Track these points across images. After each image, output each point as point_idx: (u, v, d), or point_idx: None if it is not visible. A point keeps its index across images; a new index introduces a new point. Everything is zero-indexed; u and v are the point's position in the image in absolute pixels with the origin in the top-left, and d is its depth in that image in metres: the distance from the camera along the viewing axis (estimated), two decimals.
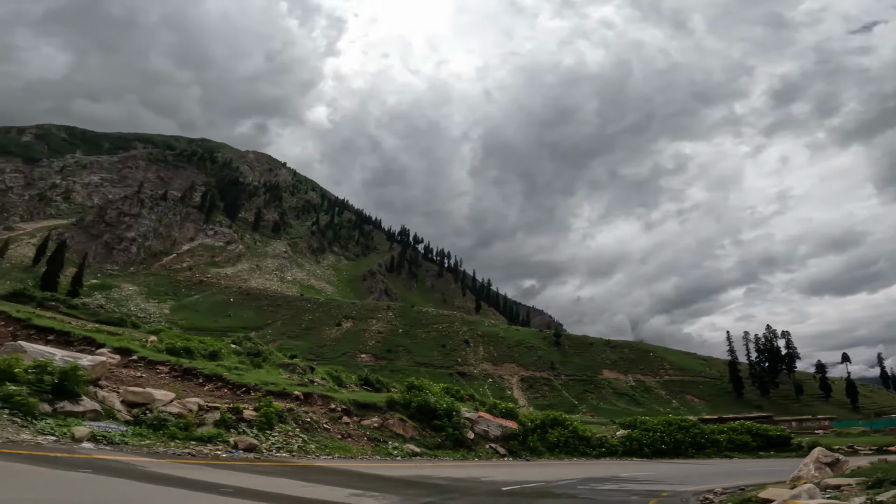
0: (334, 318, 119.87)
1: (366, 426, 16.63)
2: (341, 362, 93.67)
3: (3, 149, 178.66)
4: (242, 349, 31.26)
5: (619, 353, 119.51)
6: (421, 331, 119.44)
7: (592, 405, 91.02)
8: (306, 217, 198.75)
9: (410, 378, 34.88)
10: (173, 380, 15.93)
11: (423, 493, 9.14)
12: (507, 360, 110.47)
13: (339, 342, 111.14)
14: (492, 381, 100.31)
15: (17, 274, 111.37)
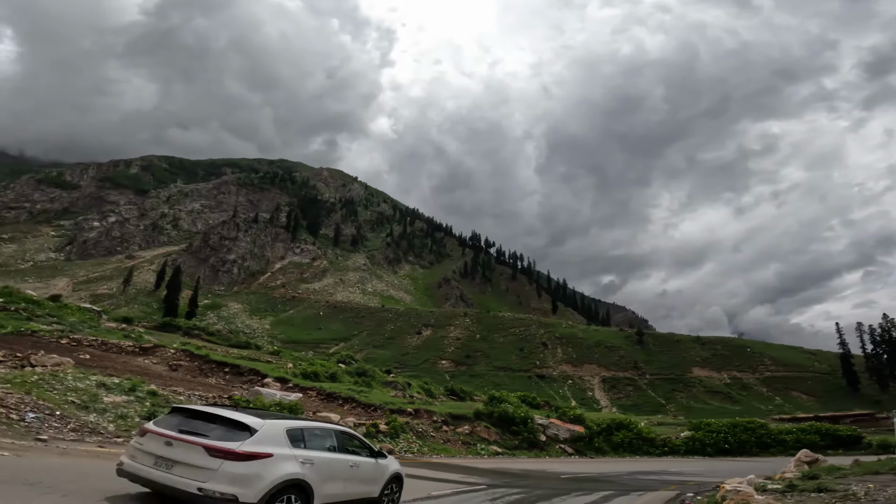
0: (414, 326, 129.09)
1: (459, 433, 22.84)
2: (423, 369, 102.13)
3: (116, 182, 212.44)
4: (351, 369, 39.32)
5: (710, 349, 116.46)
6: (498, 335, 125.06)
7: (682, 404, 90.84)
8: (381, 229, 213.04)
9: (492, 391, 41.05)
10: (321, 402, 23.26)
11: (505, 478, 15.00)
12: (586, 361, 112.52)
13: (421, 350, 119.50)
14: (571, 382, 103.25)
15: (143, 298, 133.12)
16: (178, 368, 25.56)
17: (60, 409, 8.73)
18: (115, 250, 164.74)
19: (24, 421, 7.56)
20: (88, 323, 35.69)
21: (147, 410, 10.57)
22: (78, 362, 17.98)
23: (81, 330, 32.02)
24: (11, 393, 8.34)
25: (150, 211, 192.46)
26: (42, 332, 28.66)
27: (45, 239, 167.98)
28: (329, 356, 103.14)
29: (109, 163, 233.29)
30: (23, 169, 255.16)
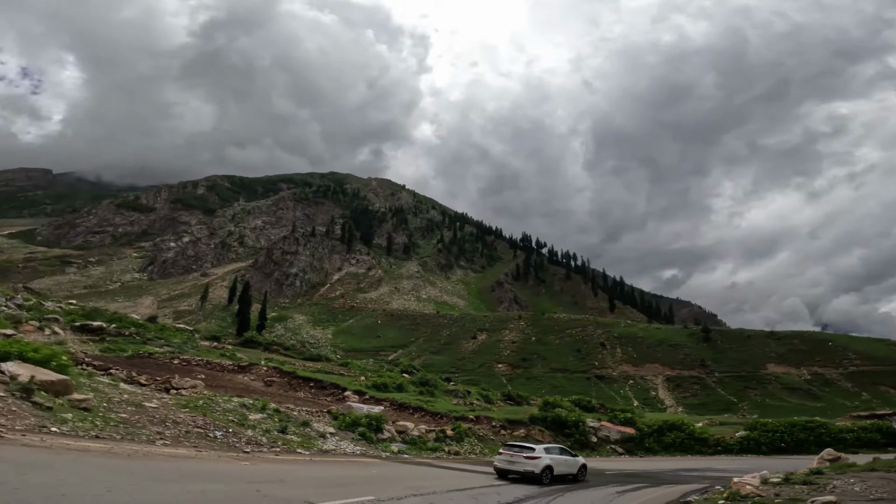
0: (469, 331, 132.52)
1: (516, 436, 25.93)
2: (480, 373, 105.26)
3: (186, 203, 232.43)
4: (415, 378, 43.37)
5: (787, 345, 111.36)
6: (554, 337, 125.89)
7: (756, 402, 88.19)
8: (431, 236, 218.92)
9: (546, 395, 43.66)
10: (395, 411, 27.14)
11: None
12: (648, 361, 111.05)
13: (477, 354, 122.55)
14: (633, 382, 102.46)
15: (219, 313, 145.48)
16: (272, 384, 30.47)
17: (232, 427, 12.79)
18: (190, 268, 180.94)
19: (217, 438, 11.47)
20: (189, 343, 42.01)
21: (279, 425, 14.69)
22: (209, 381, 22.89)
23: (186, 350, 38.10)
24: (195, 416, 12.43)
25: (218, 230, 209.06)
26: (157, 355, 34.75)
27: (128, 260, 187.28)
28: (388, 363, 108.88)
29: (179, 185, 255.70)
30: (102, 194, 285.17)
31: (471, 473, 15.31)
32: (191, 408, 13.48)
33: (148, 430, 9.64)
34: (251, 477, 8.36)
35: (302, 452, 13.24)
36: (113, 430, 8.89)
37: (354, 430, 18.69)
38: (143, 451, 8.51)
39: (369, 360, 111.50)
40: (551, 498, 11.06)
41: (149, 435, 9.43)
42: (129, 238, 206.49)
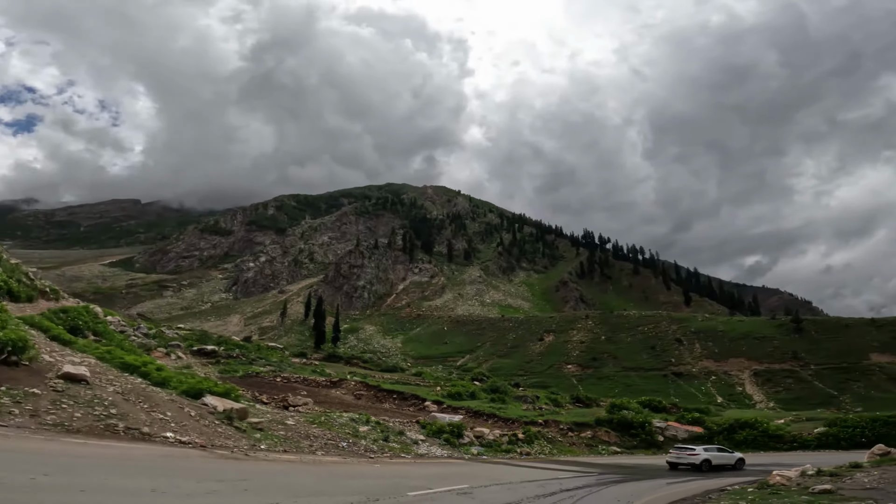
0: (536, 333, 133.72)
1: (583, 437, 28.59)
2: (548, 375, 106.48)
3: (259, 224, 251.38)
4: (485, 386, 46.75)
5: (890, 332, 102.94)
6: (625, 335, 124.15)
7: (859, 395, 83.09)
8: (490, 239, 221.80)
9: (613, 398, 45.48)
10: (471, 418, 30.66)
11: (615, 468, 20.62)
12: (732, 355, 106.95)
13: (544, 356, 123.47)
14: (715, 378, 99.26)
15: (297, 328, 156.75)
16: (361, 397, 35.14)
17: (351, 438, 16.83)
18: (269, 286, 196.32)
19: (344, 448, 15.40)
20: (284, 361, 48.14)
21: (382, 435, 18.66)
22: (310, 397, 27.72)
23: (284, 369, 43.98)
24: (323, 431, 16.53)
25: (290, 248, 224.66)
26: (262, 374, 40.68)
27: (215, 282, 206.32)
28: (457, 368, 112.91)
29: (251, 207, 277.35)
30: (186, 220, 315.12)
31: (539, 469, 18.41)
32: (317, 424, 17.70)
33: (302, 443, 13.62)
34: (387, 474, 12.07)
35: (405, 457, 17.02)
36: (283, 444, 12.91)
37: (440, 436, 22.43)
38: (316, 459, 12.42)
39: (438, 366, 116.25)
40: (603, 487, 13.87)
41: (307, 447, 13.40)
42: (214, 260, 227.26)
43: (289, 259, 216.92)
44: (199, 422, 10.85)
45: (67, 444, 7.18)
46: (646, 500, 10.89)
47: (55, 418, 7.68)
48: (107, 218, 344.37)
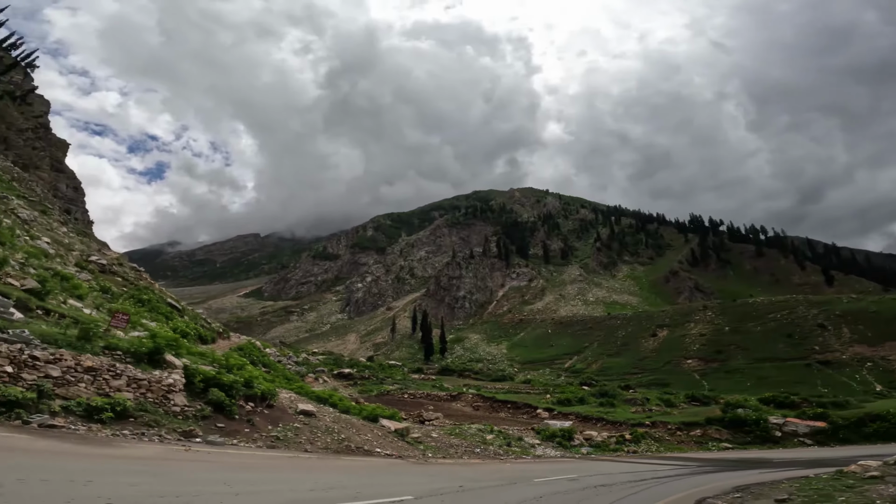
0: (647, 329, 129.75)
1: (692, 435, 30.56)
2: (665, 372, 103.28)
3: (361, 246, 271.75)
4: (594, 390, 49.31)
5: None
6: (753, 324, 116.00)
7: None
8: (586, 236, 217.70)
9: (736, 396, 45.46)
10: (581, 423, 34.00)
11: (719, 462, 22.88)
12: (890, 338, 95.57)
13: (659, 352, 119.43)
14: (871, 364, 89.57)
15: (406, 342, 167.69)
16: (479, 408, 40.05)
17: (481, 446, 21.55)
18: (377, 304, 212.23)
19: (478, 453, 20.11)
20: (406, 379, 54.92)
21: (504, 441, 23.17)
22: (437, 411, 33.20)
23: (409, 386, 50.52)
24: (460, 440, 21.45)
25: (391, 266, 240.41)
26: (392, 392, 47.40)
27: (331, 304, 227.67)
28: (565, 371, 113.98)
29: (352, 230, 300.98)
30: (299, 248, 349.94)
31: (640, 464, 21.50)
32: (453, 435, 22.72)
33: (449, 450, 18.47)
34: (516, 469, 16.51)
35: (526, 458, 21.32)
36: (439, 452, 17.84)
37: (553, 440, 26.39)
38: (465, 461, 17.26)
39: (545, 369, 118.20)
40: (693, 475, 16.75)
41: (454, 453, 18.28)
42: (327, 284, 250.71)
43: (391, 276, 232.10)
44: (386, 439, 16.01)
45: (339, 459, 12.03)
46: (721, 484, 13.80)
47: (319, 443, 13.02)
48: (235, 253, 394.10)
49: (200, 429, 10.13)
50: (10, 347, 7.76)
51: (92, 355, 9.23)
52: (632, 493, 11.27)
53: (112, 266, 41.08)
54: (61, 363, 8.36)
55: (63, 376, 8.23)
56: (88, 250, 45.57)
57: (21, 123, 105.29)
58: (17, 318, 9.16)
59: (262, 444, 11.37)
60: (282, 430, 13.00)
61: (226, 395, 11.72)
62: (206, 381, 11.32)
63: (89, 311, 15.88)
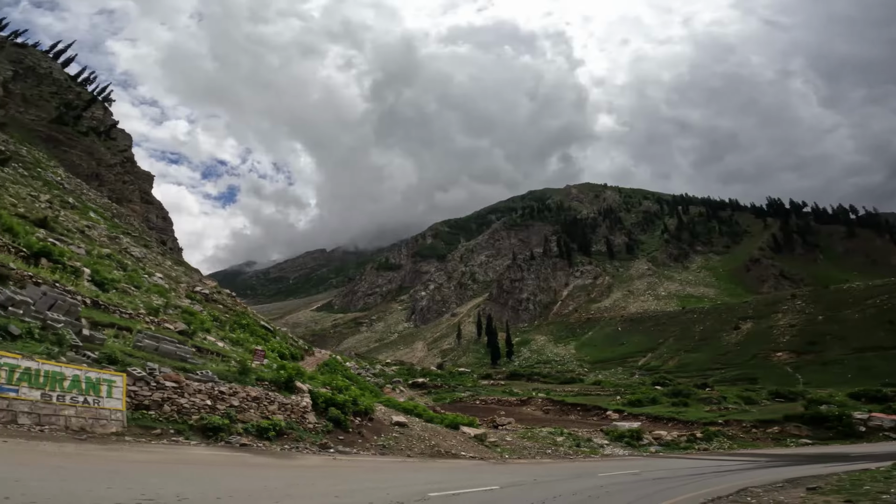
0: (728, 322, 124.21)
1: (769, 432, 30.87)
2: (752, 366, 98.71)
3: (422, 254, 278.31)
4: (667, 390, 49.50)
5: None
6: (850, 311, 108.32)
7: None
8: (652, 228, 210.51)
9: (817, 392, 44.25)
10: (650, 423, 35.05)
11: (789, 457, 23.47)
12: None
13: (743, 346, 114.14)
14: None
15: (472, 346, 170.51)
16: (549, 412, 41.94)
17: (552, 447, 23.82)
18: (441, 311, 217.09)
19: (550, 454, 22.41)
20: (476, 385, 57.62)
21: (573, 442, 25.24)
22: (508, 416, 35.64)
23: (479, 392, 53.15)
24: (533, 443, 23.86)
25: (452, 272, 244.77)
26: (464, 399, 50.24)
27: (397, 313, 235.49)
28: (638, 369, 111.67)
29: (412, 239, 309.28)
30: (363, 260, 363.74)
31: (708, 460, 22.71)
32: (526, 438, 25.12)
33: (523, 452, 20.92)
34: (584, 466, 18.63)
35: (594, 457, 23.26)
36: (515, 454, 20.36)
37: (622, 440, 27.98)
38: (538, 461, 19.67)
39: (617, 368, 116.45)
40: (757, 469, 17.91)
41: (528, 454, 20.73)
42: (392, 294, 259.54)
43: (454, 283, 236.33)
44: (468, 444, 18.78)
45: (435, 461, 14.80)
46: (773, 476, 15.02)
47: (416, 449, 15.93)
48: (305, 269, 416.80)
49: (330, 441, 13.35)
50: (205, 385, 11.25)
51: (251, 387, 12.66)
52: (685, 484, 13.16)
53: (213, 295, 47.11)
54: (238, 395, 11.78)
55: (240, 405, 11.63)
56: (192, 281, 52.28)
57: (109, 159, 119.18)
58: (199, 362, 12.77)
59: (374, 451, 14.46)
60: (384, 440, 16.09)
61: (341, 412, 14.95)
62: (326, 402, 14.59)
63: (221, 344, 19.94)
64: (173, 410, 9.91)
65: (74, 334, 9.58)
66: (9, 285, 10.46)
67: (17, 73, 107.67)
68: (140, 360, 10.35)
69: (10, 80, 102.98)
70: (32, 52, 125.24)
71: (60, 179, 69.54)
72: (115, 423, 8.56)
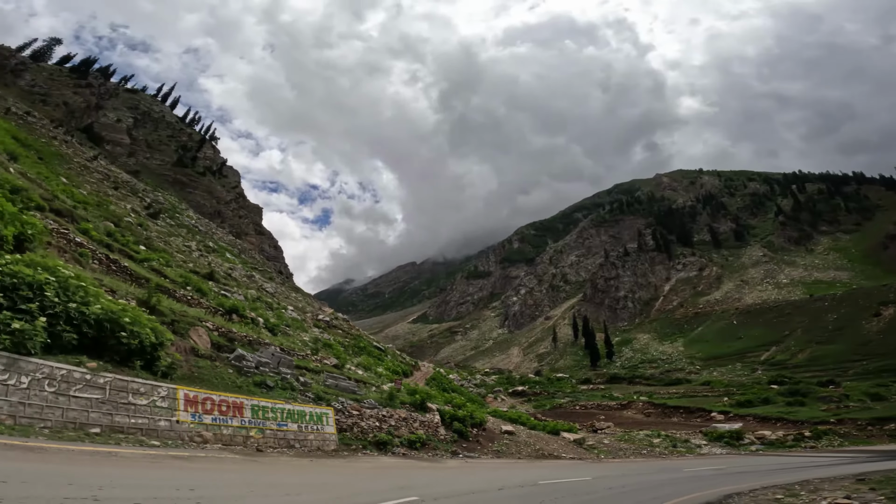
0: (867, 308, 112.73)
1: (885, 429, 30.71)
2: None
3: (510, 259, 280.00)
4: (783, 389, 48.73)
5: None
6: None
7: None
8: (761, 211, 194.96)
9: None
10: (757, 423, 35.74)
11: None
12: None
13: (887, 335, 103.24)
14: None
15: (569, 349, 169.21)
16: (650, 415, 43.63)
17: (647, 448, 26.55)
18: (534, 315, 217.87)
19: (645, 454, 25.27)
20: (576, 391, 60.02)
21: (670, 443, 27.60)
22: (607, 421, 38.27)
23: (579, 398, 55.70)
24: (629, 444, 26.75)
25: (543, 275, 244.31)
26: (564, 405, 53.13)
27: (490, 320, 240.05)
28: (760, 364, 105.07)
29: (498, 245, 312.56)
30: (452, 270, 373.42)
31: (807, 457, 24.08)
32: (623, 441, 27.99)
33: (618, 453, 24.11)
34: (673, 463, 21.46)
35: (689, 455, 25.63)
36: (610, 455, 23.66)
37: (721, 441, 29.68)
38: (630, 460, 22.86)
39: (735, 364, 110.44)
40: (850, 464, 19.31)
41: (622, 455, 23.93)
42: (483, 301, 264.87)
43: (545, 286, 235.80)
44: (568, 447, 22.47)
45: (540, 461, 18.88)
46: (857, 469, 16.63)
47: (524, 452, 20.08)
48: (399, 283, 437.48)
49: (457, 448, 17.84)
50: (372, 411, 16.28)
51: (398, 409, 17.55)
52: (760, 477, 15.74)
53: (332, 321, 54.84)
54: (393, 417, 16.68)
55: (395, 424, 16.49)
56: (313, 309, 60.74)
57: (224, 195, 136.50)
58: (362, 393, 17.95)
59: (491, 455, 18.74)
60: (497, 446, 20.34)
61: (462, 425, 19.46)
62: (451, 417, 19.17)
63: (361, 372, 25.57)
64: (358, 431, 14.92)
65: (296, 381, 14.94)
66: (247, 348, 16.25)
67: (136, 119, 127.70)
68: (333, 395, 15.56)
69: (132, 128, 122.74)
70: (143, 97, 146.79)
71: (194, 222, 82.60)
72: (332, 443, 13.65)
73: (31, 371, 7.03)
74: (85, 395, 7.78)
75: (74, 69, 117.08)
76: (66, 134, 79.82)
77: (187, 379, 10.97)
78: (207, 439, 9.86)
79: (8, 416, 6.71)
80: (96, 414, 7.84)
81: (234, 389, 11.88)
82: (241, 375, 12.89)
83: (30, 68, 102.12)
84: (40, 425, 7.12)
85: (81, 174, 58.68)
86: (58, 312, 7.68)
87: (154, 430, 8.84)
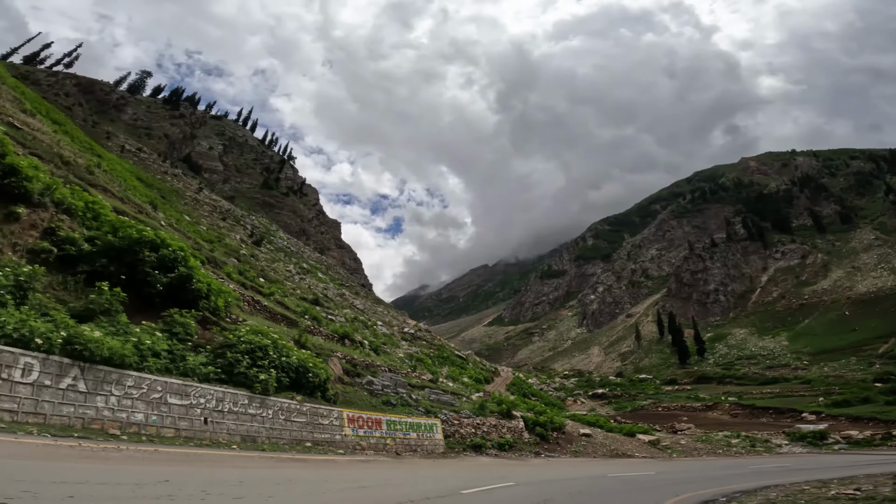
0: None
1: None
2: None
3: (585, 257, 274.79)
4: (885, 387, 47.32)
5: None
6: None
7: None
8: (869, 191, 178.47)
9: None
10: (849, 423, 35.92)
11: None
12: None
13: None
14: None
15: (655, 347, 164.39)
16: (737, 416, 44.42)
17: (723, 448, 28.58)
18: (614, 313, 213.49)
19: (720, 453, 27.47)
20: (659, 392, 60.90)
21: (749, 443, 29.47)
22: (689, 422, 39.99)
23: (662, 399, 56.78)
24: (704, 445, 28.81)
25: (621, 272, 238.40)
26: (645, 407, 54.62)
27: (567, 320, 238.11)
28: (878, 357, 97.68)
29: (571, 242, 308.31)
30: (525, 270, 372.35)
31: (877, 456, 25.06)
32: (700, 441, 30.16)
33: (692, 453, 26.58)
34: (741, 462, 23.68)
35: (766, 454, 27.49)
36: (685, 454, 26.19)
37: (803, 441, 30.86)
38: (701, 458, 25.42)
39: (850, 358, 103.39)
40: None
41: (696, 454, 26.40)
42: (560, 301, 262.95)
43: (624, 282, 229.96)
44: (642, 447, 25.43)
45: (613, 460, 22.21)
46: None
47: (599, 452, 23.39)
48: (472, 286, 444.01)
49: (540, 449, 21.63)
50: (468, 419, 20.53)
51: (488, 417, 21.68)
52: (815, 473, 17.99)
53: (417, 333, 60.16)
54: (485, 424, 20.88)
55: (487, 430, 20.64)
56: (398, 322, 66.44)
57: (307, 213, 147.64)
58: (457, 404, 22.25)
59: (569, 454, 22.32)
60: (575, 447, 23.85)
61: (543, 429, 23.21)
62: (533, 423, 22.99)
63: (451, 384, 30.06)
64: (459, 437, 19.24)
65: (409, 398, 19.58)
66: (367, 371, 21.21)
67: (225, 146, 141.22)
68: (437, 408, 20.03)
69: (223, 154, 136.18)
70: (227, 122, 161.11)
71: (286, 243, 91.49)
72: (440, 447, 18.07)
73: (272, 405, 11.95)
74: (298, 420, 12.63)
75: (167, 100, 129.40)
76: (172, 167, 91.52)
77: (342, 402, 15.75)
78: (364, 447, 14.48)
79: (266, 439, 11.63)
80: (306, 432, 12.64)
81: (370, 408, 16.52)
82: (372, 396, 17.52)
83: (130, 102, 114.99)
84: (281, 441, 12.01)
85: (195, 208, 68.16)
86: (277, 364, 12.58)
87: (332, 442, 13.51)
